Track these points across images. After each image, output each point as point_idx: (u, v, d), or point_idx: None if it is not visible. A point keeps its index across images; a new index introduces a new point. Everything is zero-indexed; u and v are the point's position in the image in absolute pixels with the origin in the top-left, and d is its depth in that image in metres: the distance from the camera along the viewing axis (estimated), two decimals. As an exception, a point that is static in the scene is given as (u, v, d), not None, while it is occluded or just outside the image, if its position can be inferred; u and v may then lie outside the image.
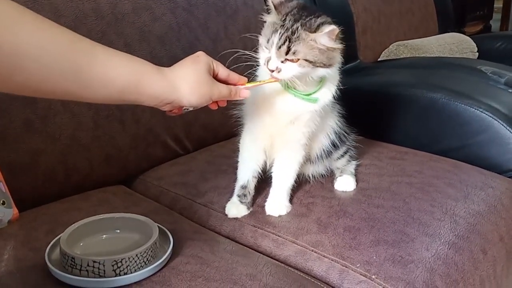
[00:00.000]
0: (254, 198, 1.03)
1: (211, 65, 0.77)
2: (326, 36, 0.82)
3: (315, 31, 0.83)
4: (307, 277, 0.86)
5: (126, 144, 1.15)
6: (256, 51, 0.89)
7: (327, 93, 0.94)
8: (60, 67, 0.58)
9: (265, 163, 1.01)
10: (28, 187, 1.00)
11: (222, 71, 0.80)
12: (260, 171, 1.01)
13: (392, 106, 1.51)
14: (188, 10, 1.30)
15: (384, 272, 0.83)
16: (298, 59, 0.83)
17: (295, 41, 0.82)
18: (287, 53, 0.83)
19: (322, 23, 0.84)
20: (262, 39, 0.87)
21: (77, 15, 1.06)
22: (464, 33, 2.60)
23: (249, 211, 1.00)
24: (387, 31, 2.09)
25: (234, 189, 1.02)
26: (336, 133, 1.05)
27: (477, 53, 2.28)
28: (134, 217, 0.87)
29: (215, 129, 1.36)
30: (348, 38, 0.89)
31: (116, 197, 1.07)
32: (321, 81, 0.91)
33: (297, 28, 0.83)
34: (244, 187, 0.99)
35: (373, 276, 0.83)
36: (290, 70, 0.84)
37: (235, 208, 0.99)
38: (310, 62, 0.84)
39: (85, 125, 1.07)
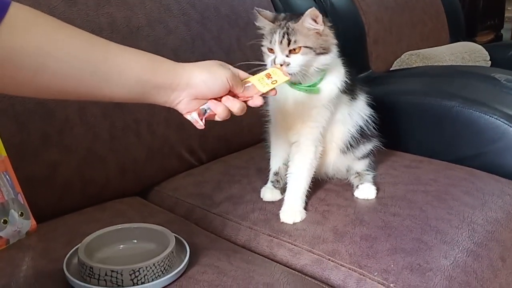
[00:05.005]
0: (269, 207, 1.04)
1: (222, 63, 0.79)
2: (309, 19, 0.92)
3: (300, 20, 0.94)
4: (324, 286, 0.86)
5: (142, 156, 1.16)
6: (261, 60, 0.98)
7: (331, 86, 1.00)
8: (79, 62, 0.61)
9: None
10: (46, 198, 1.01)
11: (243, 74, 0.82)
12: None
13: (406, 115, 1.51)
14: (201, 23, 1.32)
15: (402, 281, 0.82)
16: (300, 48, 0.92)
17: (291, 33, 0.93)
18: (289, 44, 0.92)
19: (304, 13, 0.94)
20: (265, 45, 0.97)
21: (93, 28, 1.08)
22: (475, 42, 2.59)
23: (282, 196, 1.06)
24: (399, 41, 2.09)
25: (267, 178, 1.10)
26: (366, 121, 1.10)
27: (490, 62, 2.27)
28: (151, 227, 0.87)
29: (229, 140, 1.36)
30: (359, 48, 0.91)
31: (132, 208, 1.08)
32: (323, 72, 0.98)
33: (289, 24, 0.94)
34: (276, 174, 1.09)
35: (391, 285, 0.82)
36: (297, 60, 0.93)
37: (270, 193, 1.08)
38: (310, 48, 0.93)
39: (101, 137, 1.08)
